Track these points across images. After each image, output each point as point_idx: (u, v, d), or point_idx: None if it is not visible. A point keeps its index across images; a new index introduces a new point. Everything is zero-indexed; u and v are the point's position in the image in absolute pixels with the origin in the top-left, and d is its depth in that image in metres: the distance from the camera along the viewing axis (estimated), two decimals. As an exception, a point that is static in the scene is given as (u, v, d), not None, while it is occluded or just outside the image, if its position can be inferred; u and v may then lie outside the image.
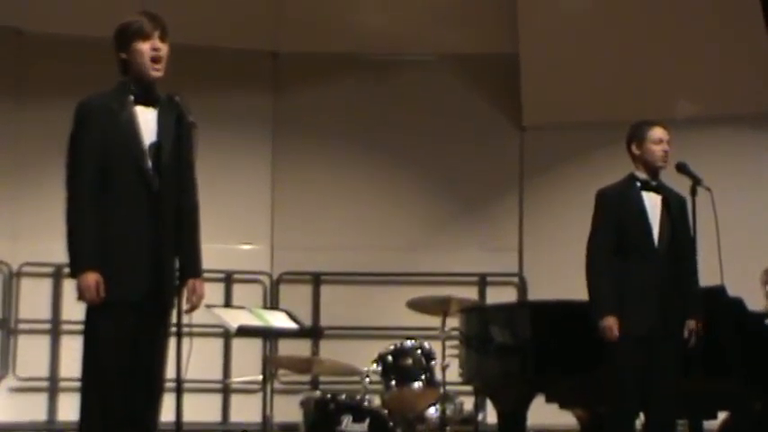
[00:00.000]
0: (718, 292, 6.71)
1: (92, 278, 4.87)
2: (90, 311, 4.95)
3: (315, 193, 10.34)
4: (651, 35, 9.72)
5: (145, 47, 5.04)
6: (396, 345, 7.67)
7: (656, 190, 6.42)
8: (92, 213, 4.92)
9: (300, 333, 7.94)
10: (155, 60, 5.04)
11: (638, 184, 6.42)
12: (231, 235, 9.91)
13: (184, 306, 4.99)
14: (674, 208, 6.39)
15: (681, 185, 6.46)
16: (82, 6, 9.55)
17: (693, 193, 6.29)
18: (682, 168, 6.41)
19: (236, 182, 10.06)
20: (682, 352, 6.26)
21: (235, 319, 7.25)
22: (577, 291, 6.50)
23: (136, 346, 4.92)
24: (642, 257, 6.32)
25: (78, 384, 4.98)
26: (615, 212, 6.37)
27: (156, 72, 5.06)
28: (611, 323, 6.20)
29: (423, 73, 10.46)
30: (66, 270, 4.96)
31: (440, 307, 7.87)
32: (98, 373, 4.90)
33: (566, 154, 10.19)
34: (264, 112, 10.40)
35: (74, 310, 5.46)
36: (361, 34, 10.23)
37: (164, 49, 5.08)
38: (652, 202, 6.39)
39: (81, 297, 4.91)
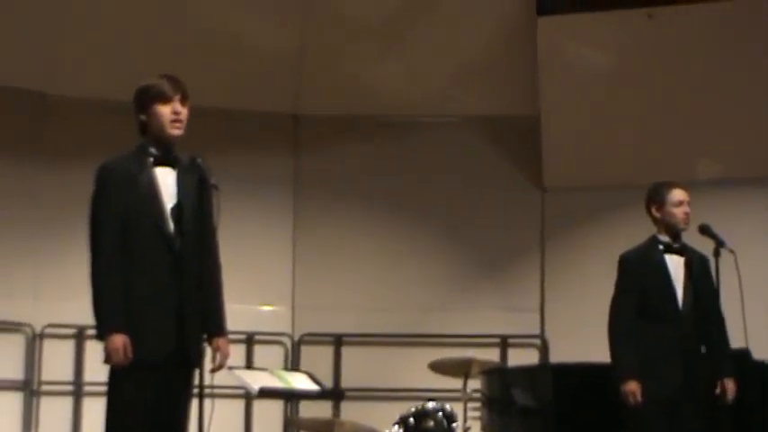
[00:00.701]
0: (744, 354, 6.68)
1: (119, 340, 4.87)
2: (113, 374, 4.96)
3: (336, 254, 10.34)
4: (672, 96, 9.74)
5: (165, 110, 5.08)
6: (417, 406, 7.63)
7: (679, 252, 6.39)
8: (116, 275, 4.94)
9: (322, 395, 7.91)
10: (175, 121, 5.08)
11: (661, 246, 6.39)
12: (252, 296, 9.91)
13: (210, 365, 4.99)
14: (697, 269, 6.35)
15: (703, 247, 6.44)
16: (105, 70, 9.64)
17: (717, 254, 6.26)
18: (705, 230, 6.39)
19: (257, 243, 10.07)
20: (707, 415, 6.21)
21: (256, 380, 7.24)
22: (600, 353, 6.47)
23: (159, 408, 4.91)
24: (666, 320, 6.28)
25: (100, 447, 4.98)
26: (638, 276, 6.34)
27: (177, 131, 5.09)
28: (633, 388, 6.16)
29: (444, 135, 10.48)
30: (89, 332, 4.98)
31: (461, 369, 7.85)
32: (120, 435, 4.90)
33: (587, 215, 10.18)
34: (285, 173, 10.43)
35: (96, 372, 5.46)
36: (381, 96, 10.27)
37: (184, 112, 5.11)
38: (675, 265, 6.36)
39: (108, 359, 4.92)
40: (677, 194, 6.44)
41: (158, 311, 4.96)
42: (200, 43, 9.77)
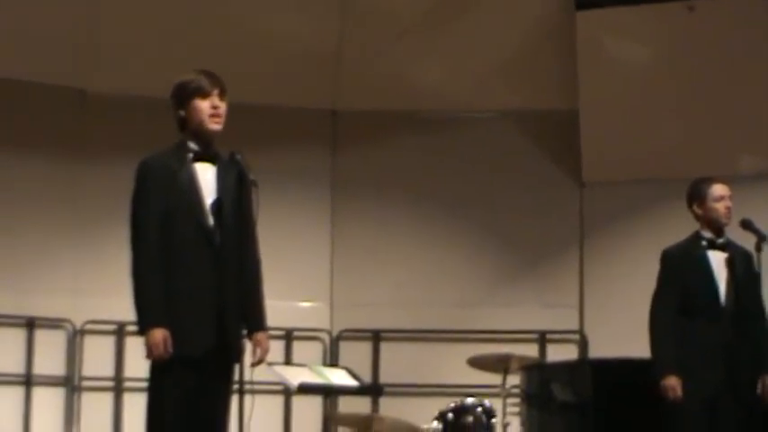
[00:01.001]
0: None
1: (159, 335, 4.89)
2: (154, 369, 4.98)
3: (374, 250, 10.34)
4: (713, 90, 9.67)
5: (204, 104, 5.10)
6: (456, 402, 7.63)
7: (722, 248, 6.35)
8: (157, 271, 4.96)
9: (361, 391, 7.92)
10: (213, 116, 5.10)
11: (704, 242, 6.36)
12: (291, 292, 9.92)
13: (250, 360, 5.00)
14: (740, 265, 6.31)
15: (745, 241, 6.39)
16: (144, 67, 9.68)
17: (758, 249, 6.23)
18: (747, 225, 6.35)
19: (295, 239, 10.08)
20: (748, 412, 6.17)
21: (295, 376, 7.26)
22: (639, 348, 6.45)
23: (199, 403, 4.93)
24: (708, 317, 6.25)
25: (141, 442, 5.01)
26: (680, 273, 6.32)
27: (215, 125, 5.11)
28: (672, 383, 6.13)
29: (482, 130, 10.46)
30: (129, 328, 5.01)
31: (500, 364, 7.84)
32: (162, 430, 4.91)
33: (626, 210, 10.12)
34: (323, 169, 10.44)
35: (137, 368, 5.50)
36: (419, 92, 10.26)
37: (222, 106, 5.14)
38: (718, 261, 6.33)
39: (149, 354, 4.94)
40: (718, 189, 6.41)
41: (198, 307, 4.98)
42: (238, 39, 9.79)
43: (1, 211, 9.56)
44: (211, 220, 5.04)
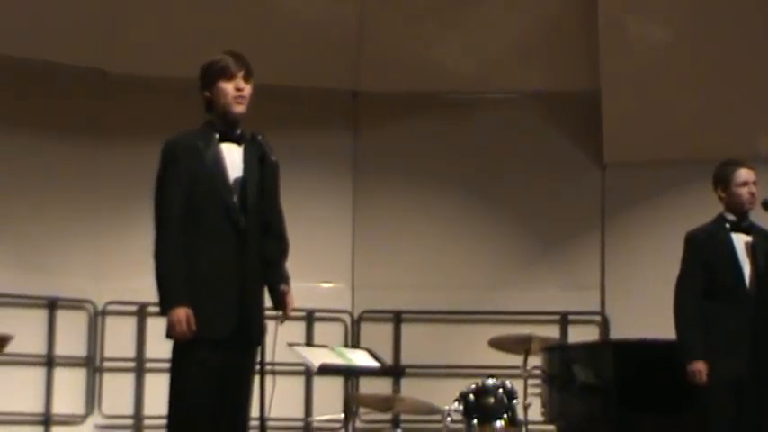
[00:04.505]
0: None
1: (182, 312, 4.89)
2: (176, 350, 4.99)
3: (395, 231, 10.34)
4: (735, 70, 9.63)
5: (228, 86, 5.10)
6: (477, 383, 7.64)
7: (747, 231, 6.34)
8: (180, 251, 4.97)
9: (382, 371, 7.93)
10: (238, 99, 5.10)
11: (728, 225, 6.35)
12: (312, 273, 9.92)
13: (275, 328, 5.00)
14: (762, 249, 6.29)
15: (766, 222, 6.37)
16: (165, 48, 9.68)
17: (778, 231, 6.21)
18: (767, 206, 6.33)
19: (316, 220, 10.07)
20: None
21: (317, 357, 7.26)
22: (660, 329, 6.44)
23: (222, 384, 4.94)
24: (733, 300, 6.24)
25: (163, 422, 5.01)
26: (704, 255, 6.31)
27: (239, 108, 5.10)
28: (699, 367, 6.12)
29: (504, 111, 10.43)
30: (151, 308, 5.02)
31: (521, 345, 7.85)
32: (184, 412, 4.93)
33: (648, 191, 10.10)
34: (345, 150, 10.44)
35: (158, 348, 5.51)
36: (441, 73, 10.23)
37: (247, 89, 5.14)
38: (742, 244, 6.31)
39: (171, 333, 4.94)
40: (742, 175, 6.40)
41: (221, 288, 4.98)
42: (259, 20, 9.78)
43: (23, 192, 9.58)
44: (236, 200, 5.03)
